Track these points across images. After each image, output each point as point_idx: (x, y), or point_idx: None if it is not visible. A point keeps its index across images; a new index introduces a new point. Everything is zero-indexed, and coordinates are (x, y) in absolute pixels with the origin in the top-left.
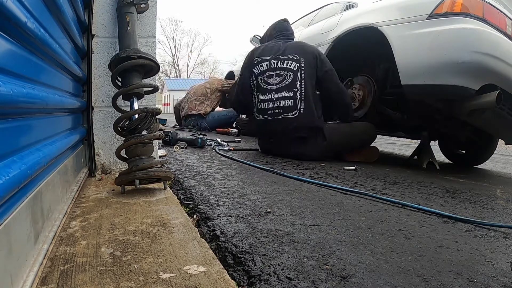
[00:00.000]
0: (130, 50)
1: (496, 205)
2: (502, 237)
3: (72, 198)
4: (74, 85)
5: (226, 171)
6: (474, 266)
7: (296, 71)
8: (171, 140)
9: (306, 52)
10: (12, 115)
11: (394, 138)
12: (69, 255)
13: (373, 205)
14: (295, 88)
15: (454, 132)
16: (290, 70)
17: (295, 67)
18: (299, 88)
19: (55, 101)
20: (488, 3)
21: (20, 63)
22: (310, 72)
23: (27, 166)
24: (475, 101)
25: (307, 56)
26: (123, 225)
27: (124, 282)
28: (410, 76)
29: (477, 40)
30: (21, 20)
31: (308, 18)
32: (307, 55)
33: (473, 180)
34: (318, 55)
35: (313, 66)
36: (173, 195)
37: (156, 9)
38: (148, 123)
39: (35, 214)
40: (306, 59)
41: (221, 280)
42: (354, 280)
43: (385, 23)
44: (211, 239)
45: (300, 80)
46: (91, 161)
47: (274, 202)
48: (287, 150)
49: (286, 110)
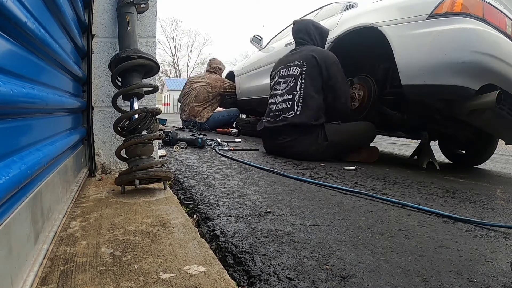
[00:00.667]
0: (130, 50)
1: (496, 205)
2: (502, 237)
3: (72, 198)
4: (74, 85)
5: (226, 171)
6: (474, 266)
7: (298, 76)
8: (171, 140)
9: (311, 57)
10: (12, 115)
11: (394, 138)
12: (69, 255)
13: (373, 205)
14: (295, 91)
15: (454, 132)
16: (293, 75)
17: (298, 72)
18: (298, 91)
19: (55, 101)
20: (488, 3)
21: (20, 63)
22: (312, 76)
23: (27, 166)
24: (475, 101)
25: (311, 61)
26: (123, 225)
27: (124, 282)
28: (410, 76)
29: (477, 40)
30: (21, 20)
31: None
32: (310, 60)
33: (473, 180)
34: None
35: (317, 71)
36: (173, 195)
37: (156, 9)
38: (148, 123)
39: (35, 214)
40: (308, 63)
41: (221, 280)
42: (354, 280)
43: (385, 23)
44: (211, 239)
45: (301, 83)
46: (91, 161)
47: (274, 202)
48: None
49: (284, 112)
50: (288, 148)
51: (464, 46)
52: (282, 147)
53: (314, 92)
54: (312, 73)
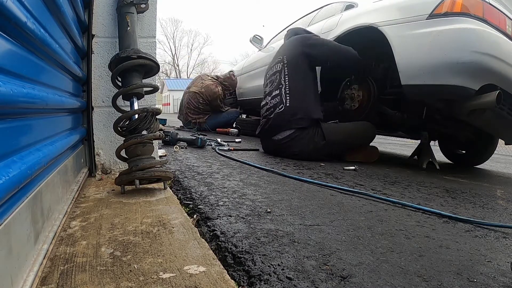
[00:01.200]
0: (130, 50)
1: (496, 205)
2: (502, 237)
3: (72, 198)
4: (74, 85)
5: (226, 171)
6: (474, 266)
7: (280, 70)
8: (171, 140)
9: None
10: (12, 115)
11: (394, 138)
12: (69, 255)
13: (373, 205)
14: (280, 85)
15: (454, 132)
16: (276, 72)
17: (280, 67)
18: (283, 83)
19: (55, 101)
20: (488, 3)
21: (20, 63)
22: (294, 63)
23: (27, 166)
24: (475, 101)
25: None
26: (123, 225)
27: (124, 282)
28: (410, 76)
29: (477, 40)
30: (21, 20)
31: (308, 18)
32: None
33: (473, 180)
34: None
35: (297, 55)
36: (173, 195)
37: (156, 9)
38: (148, 123)
39: (35, 214)
40: (287, 54)
41: (221, 280)
42: (354, 280)
43: (385, 23)
44: (211, 239)
45: (284, 75)
46: (91, 161)
47: (274, 202)
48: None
49: (275, 107)
50: (285, 148)
51: (464, 46)
52: (280, 147)
53: (300, 78)
54: (293, 59)
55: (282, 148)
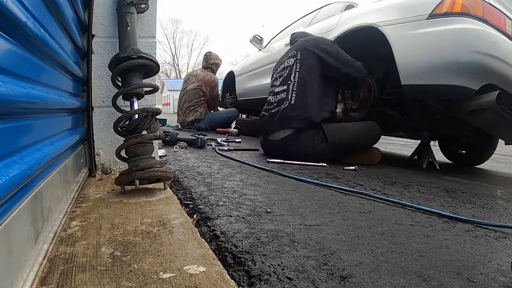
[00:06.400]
0: (130, 50)
1: (496, 205)
2: (502, 237)
3: (72, 198)
4: (74, 85)
5: (226, 171)
6: (474, 266)
7: (292, 65)
8: (171, 140)
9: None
10: (12, 115)
11: (394, 138)
12: (69, 255)
13: (373, 205)
14: (289, 81)
15: (454, 132)
16: (287, 67)
17: (292, 62)
18: (292, 80)
19: (55, 101)
20: (488, 3)
21: (20, 63)
22: (308, 63)
23: (27, 166)
24: (475, 101)
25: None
26: (123, 225)
27: (124, 282)
28: (410, 76)
29: (477, 40)
30: (21, 20)
31: (308, 18)
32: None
33: (473, 180)
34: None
35: (313, 57)
36: (173, 195)
37: (156, 9)
38: (148, 123)
39: (35, 214)
40: (302, 52)
41: (221, 280)
42: (354, 280)
43: (385, 23)
44: (211, 239)
45: (295, 72)
46: (91, 161)
47: (274, 202)
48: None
49: (279, 103)
50: (283, 149)
51: (464, 46)
52: (278, 148)
53: (311, 80)
54: (307, 60)
55: (280, 150)
